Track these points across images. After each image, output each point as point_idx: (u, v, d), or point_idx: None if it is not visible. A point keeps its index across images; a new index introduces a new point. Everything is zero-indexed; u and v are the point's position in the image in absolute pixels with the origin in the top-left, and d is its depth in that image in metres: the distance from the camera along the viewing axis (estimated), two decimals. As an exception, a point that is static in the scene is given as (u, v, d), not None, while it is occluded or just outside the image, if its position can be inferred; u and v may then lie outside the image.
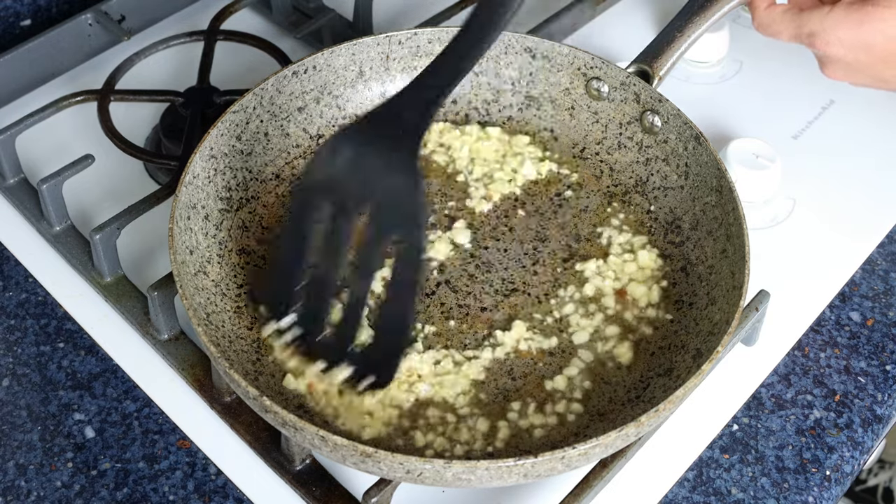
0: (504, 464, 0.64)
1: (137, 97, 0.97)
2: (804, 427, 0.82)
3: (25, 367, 0.83)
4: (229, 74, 1.03)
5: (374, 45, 0.89)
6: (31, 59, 1.01)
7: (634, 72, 0.87)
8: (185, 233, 0.77)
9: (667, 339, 0.78)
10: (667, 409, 0.68)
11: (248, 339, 0.77)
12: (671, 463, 0.79)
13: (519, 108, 0.91)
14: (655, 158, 0.86)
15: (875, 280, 0.91)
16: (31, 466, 0.78)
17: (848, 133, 1.01)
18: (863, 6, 0.80)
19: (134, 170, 0.96)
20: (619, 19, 1.12)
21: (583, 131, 0.90)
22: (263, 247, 0.82)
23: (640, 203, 0.87)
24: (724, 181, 0.80)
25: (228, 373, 0.68)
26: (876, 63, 0.81)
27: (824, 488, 0.79)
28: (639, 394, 0.75)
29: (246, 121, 0.85)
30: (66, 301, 0.87)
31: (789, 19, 0.84)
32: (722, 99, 1.04)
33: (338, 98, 0.90)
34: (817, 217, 0.94)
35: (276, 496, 0.76)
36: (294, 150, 0.88)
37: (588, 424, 0.74)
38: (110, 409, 0.81)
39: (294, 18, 1.09)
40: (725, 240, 0.78)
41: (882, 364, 0.85)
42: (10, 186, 0.93)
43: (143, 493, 0.77)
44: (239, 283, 0.80)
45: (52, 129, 0.97)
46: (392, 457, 0.64)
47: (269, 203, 0.85)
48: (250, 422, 0.79)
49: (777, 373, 0.85)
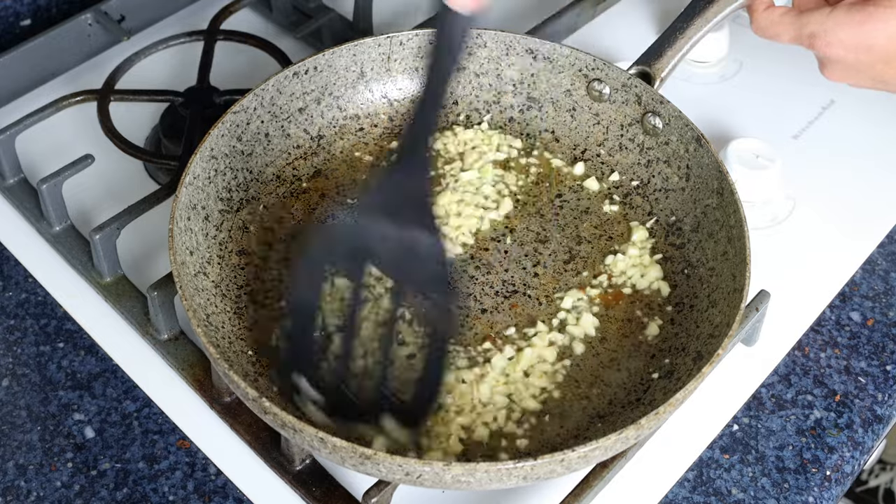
0: (503, 466, 0.64)
1: (137, 97, 0.97)
2: (804, 427, 0.82)
3: (25, 367, 0.83)
4: (229, 74, 1.03)
5: (375, 46, 0.89)
6: (31, 59, 1.01)
7: (636, 73, 0.87)
8: (185, 233, 0.77)
9: (667, 342, 0.78)
10: (667, 412, 0.67)
11: (247, 339, 0.77)
12: (671, 463, 0.79)
13: (520, 109, 0.91)
14: (656, 160, 0.86)
15: (875, 280, 0.91)
16: (31, 466, 0.78)
17: (848, 133, 1.01)
18: (864, 7, 0.80)
19: (134, 170, 0.96)
20: (619, 19, 1.12)
21: (584, 133, 0.90)
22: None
23: (641, 205, 0.87)
24: (725, 183, 0.80)
25: (228, 374, 0.68)
26: (876, 64, 0.81)
27: (824, 488, 0.79)
28: (639, 396, 0.75)
29: (247, 121, 0.84)
30: (66, 301, 0.87)
31: (789, 21, 0.84)
32: (722, 99, 1.04)
33: (339, 99, 0.90)
34: (817, 217, 0.94)
35: (276, 496, 0.76)
36: (295, 151, 0.88)
37: (588, 426, 0.74)
38: (110, 409, 0.81)
39: (294, 18, 1.09)
40: (726, 242, 0.78)
41: (882, 364, 0.85)
42: (10, 186, 0.93)
43: (143, 493, 0.77)
44: (239, 284, 0.80)
45: (52, 129, 0.97)
46: (391, 458, 0.64)
47: (269, 204, 0.85)
48: (250, 422, 0.79)
49: (777, 373, 0.85)
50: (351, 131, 0.90)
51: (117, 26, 1.04)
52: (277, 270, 0.82)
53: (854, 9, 0.80)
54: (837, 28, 0.81)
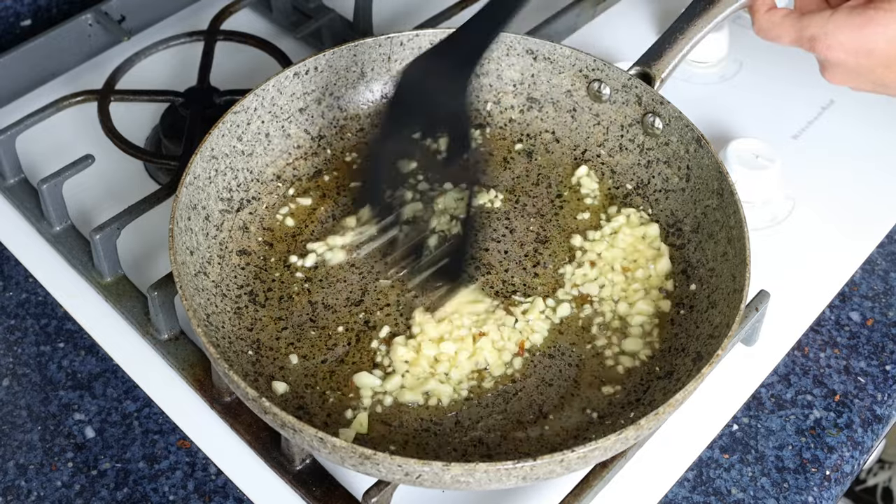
0: (503, 466, 0.64)
1: (137, 97, 0.97)
2: (804, 427, 0.82)
3: (25, 367, 0.83)
4: (229, 74, 1.03)
5: (375, 47, 0.89)
6: (31, 59, 1.01)
7: (636, 74, 0.87)
8: (185, 233, 0.77)
9: (667, 342, 0.78)
10: (666, 413, 0.67)
11: (247, 339, 0.77)
12: (671, 463, 0.79)
13: (520, 110, 0.91)
14: (657, 161, 0.86)
15: (875, 280, 0.91)
16: (32, 466, 0.78)
17: (848, 133, 1.01)
18: (864, 10, 0.80)
19: (134, 170, 0.96)
20: (619, 19, 1.12)
21: (584, 133, 0.90)
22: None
23: (642, 205, 0.87)
24: (725, 184, 0.80)
25: (228, 374, 0.68)
26: (877, 67, 0.81)
27: (824, 488, 0.79)
28: (638, 396, 0.75)
29: (247, 121, 0.85)
30: (66, 301, 0.87)
31: (790, 23, 0.84)
32: (722, 99, 1.04)
33: (339, 99, 0.90)
34: (817, 217, 0.94)
35: (276, 496, 0.76)
36: (295, 151, 0.88)
37: (587, 427, 0.74)
38: (110, 409, 0.81)
39: (294, 18, 1.09)
40: (726, 243, 0.78)
41: (882, 364, 0.85)
42: (11, 186, 0.93)
43: (143, 493, 0.77)
44: (239, 284, 0.80)
45: (52, 129, 0.97)
46: (390, 458, 0.64)
47: (270, 204, 0.85)
48: (250, 422, 0.79)
49: (777, 373, 0.85)
50: (351, 131, 0.90)
51: (117, 26, 1.04)
52: (278, 271, 0.82)
53: (855, 12, 0.80)
54: (838, 31, 0.81)
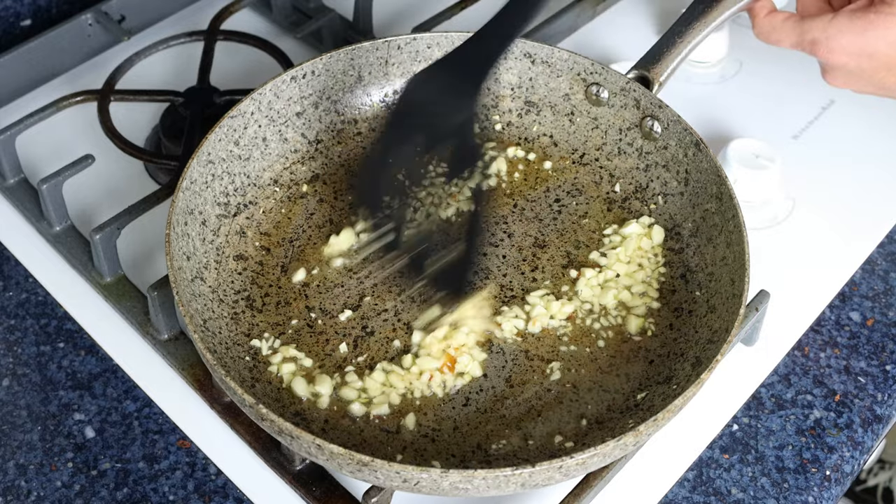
0: (501, 473, 0.64)
1: (137, 97, 0.97)
2: (804, 427, 0.82)
3: (25, 367, 0.84)
4: (229, 74, 1.03)
5: (373, 50, 0.89)
6: (31, 59, 1.01)
7: (634, 77, 0.86)
8: (182, 238, 0.77)
9: (666, 347, 0.78)
10: (665, 419, 0.67)
11: (244, 345, 0.77)
12: (671, 463, 0.79)
13: (518, 113, 0.91)
14: (655, 164, 0.86)
15: (875, 280, 0.91)
16: (32, 466, 0.78)
17: (848, 133, 1.01)
18: (865, 14, 0.80)
19: (134, 170, 0.96)
20: (618, 20, 1.11)
21: (582, 137, 0.90)
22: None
23: (640, 209, 0.87)
24: (724, 188, 0.80)
25: (224, 380, 0.68)
26: (878, 70, 0.81)
27: (824, 488, 0.79)
28: (637, 402, 0.75)
29: (244, 126, 0.84)
30: (66, 301, 0.88)
31: (791, 27, 0.84)
32: (722, 99, 1.04)
33: (336, 103, 0.90)
34: (817, 217, 0.94)
35: (276, 496, 0.77)
36: (292, 156, 0.88)
37: (586, 433, 0.74)
38: (110, 409, 0.81)
39: (294, 18, 1.09)
40: (725, 247, 0.78)
41: (882, 364, 0.85)
42: (10, 186, 0.93)
43: (143, 493, 0.77)
44: (236, 289, 0.80)
45: (52, 129, 0.98)
46: (388, 465, 0.64)
47: (267, 208, 0.85)
48: (250, 422, 0.79)
49: (777, 373, 0.85)
50: (349, 136, 0.90)
51: (117, 26, 1.04)
52: (275, 275, 0.82)
53: (856, 15, 0.80)
54: (839, 35, 0.81)
